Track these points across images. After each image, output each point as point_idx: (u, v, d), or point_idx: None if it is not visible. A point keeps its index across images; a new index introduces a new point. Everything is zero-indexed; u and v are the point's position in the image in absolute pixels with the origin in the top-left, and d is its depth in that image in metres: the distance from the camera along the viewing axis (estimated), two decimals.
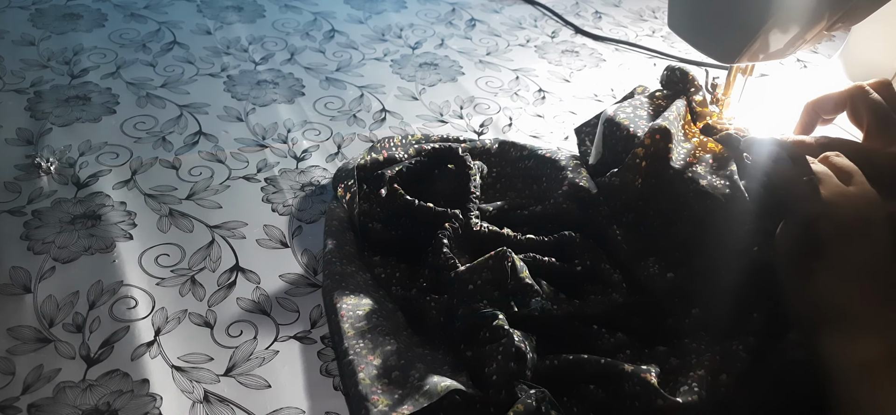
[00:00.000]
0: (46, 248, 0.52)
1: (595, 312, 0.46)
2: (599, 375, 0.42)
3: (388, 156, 0.60)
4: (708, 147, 0.53)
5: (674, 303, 0.48)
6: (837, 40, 0.96)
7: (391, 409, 0.39)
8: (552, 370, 0.42)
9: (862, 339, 0.38)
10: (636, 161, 0.51)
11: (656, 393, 0.40)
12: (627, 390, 0.41)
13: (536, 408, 0.38)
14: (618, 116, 0.55)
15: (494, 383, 0.40)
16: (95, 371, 0.43)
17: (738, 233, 0.47)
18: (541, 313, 0.45)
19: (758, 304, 0.45)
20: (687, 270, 0.48)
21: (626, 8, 1.08)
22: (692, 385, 0.41)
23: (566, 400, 0.42)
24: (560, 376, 0.42)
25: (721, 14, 0.50)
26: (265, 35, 0.88)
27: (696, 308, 0.47)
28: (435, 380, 0.40)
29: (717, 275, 0.47)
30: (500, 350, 0.41)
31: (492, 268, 0.46)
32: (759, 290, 0.45)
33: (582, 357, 0.42)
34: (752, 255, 0.46)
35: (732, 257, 0.47)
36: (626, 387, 0.41)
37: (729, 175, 0.49)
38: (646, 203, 0.52)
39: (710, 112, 0.56)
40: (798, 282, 0.41)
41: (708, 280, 0.47)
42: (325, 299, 0.48)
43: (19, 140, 0.64)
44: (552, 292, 0.47)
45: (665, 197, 0.51)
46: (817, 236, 0.40)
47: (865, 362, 0.37)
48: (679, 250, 0.50)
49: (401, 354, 0.43)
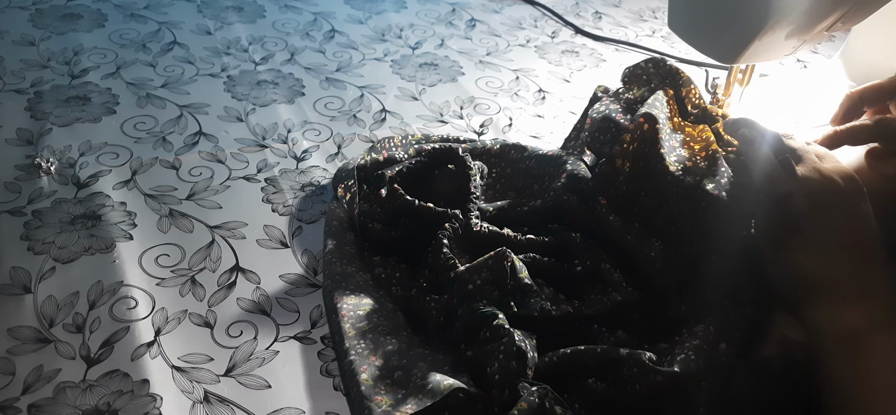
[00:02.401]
0: (46, 248, 0.52)
1: (594, 313, 0.46)
2: (598, 365, 0.42)
3: (388, 156, 0.60)
4: (697, 136, 0.53)
5: (673, 295, 0.48)
6: (837, 40, 0.96)
7: (394, 408, 0.39)
8: (552, 367, 0.42)
9: (844, 308, 0.39)
10: (624, 146, 0.52)
11: (653, 371, 0.40)
12: (625, 374, 0.41)
13: (539, 405, 0.38)
14: (595, 116, 0.56)
15: (497, 383, 0.40)
16: (95, 371, 0.43)
17: (730, 218, 0.47)
18: (540, 313, 0.45)
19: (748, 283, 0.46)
20: (679, 251, 0.49)
21: (626, 8, 1.08)
22: (689, 354, 0.41)
23: (567, 396, 0.42)
24: (560, 371, 0.42)
25: (721, 14, 0.49)
26: (265, 35, 0.88)
27: (690, 294, 0.47)
28: (437, 379, 0.40)
29: (709, 258, 0.48)
30: (501, 350, 0.41)
31: (491, 268, 0.46)
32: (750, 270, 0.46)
33: (579, 349, 0.42)
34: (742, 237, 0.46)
35: (725, 242, 0.47)
36: (625, 372, 0.41)
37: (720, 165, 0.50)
38: (635, 185, 0.52)
39: (714, 111, 0.56)
40: (776, 259, 0.42)
41: (702, 263, 0.48)
42: (326, 300, 0.48)
43: (19, 140, 0.64)
44: (552, 293, 0.47)
45: (654, 179, 0.51)
46: (792, 213, 0.41)
47: (849, 331, 0.38)
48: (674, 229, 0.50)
49: (402, 354, 0.43)
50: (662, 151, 0.51)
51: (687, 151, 0.52)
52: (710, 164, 0.50)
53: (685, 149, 0.52)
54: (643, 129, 0.52)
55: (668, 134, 0.53)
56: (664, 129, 0.52)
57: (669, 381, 0.40)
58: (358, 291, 0.48)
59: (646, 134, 0.52)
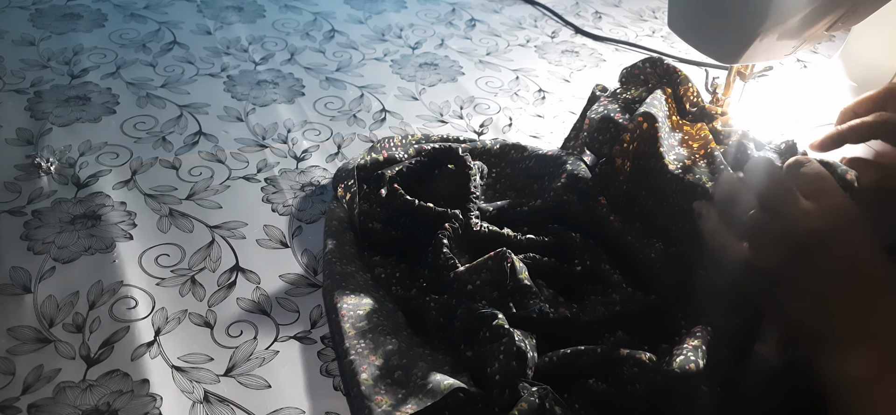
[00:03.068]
0: (46, 248, 0.52)
1: (592, 319, 0.46)
2: (598, 365, 0.42)
3: (387, 156, 0.60)
4: (696, 135, 0.53)
5: (672, 297, 0.48)
6: (837, 40, 0.96)
7: (394, 408, 0.39)
8: (551, 367, 0.42)
9: (846, 355, 0.36)
10: (624, 145, 0.52)
11: (653, 370, 0.40)
12: (626, 374, 0.41)
13: (540, 405, 0.38)
14: (593, 117, 0.56)
15: (497, 383, 0.40)
16: (95, 371, 0.43)
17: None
18: (538, 315, 0.45)
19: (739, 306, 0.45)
20: (680, 250, 0.49)
21: (626, 8, 1.08)
22: (688, 354, 0.41)
23: (567, 396, 0.42)
24: (560, 372, 0.42)
25: (721, 14, 0.49)
26: (265, 35, 0.88)
27: (690, 295, 0.47)
28: (438, 379, 0.40)
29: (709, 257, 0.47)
30: (501, 350, 0.41)
31: (491, 268, 0.46)
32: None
33: (579, 349, 0.42)
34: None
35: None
36: (625, 371, 0.41)
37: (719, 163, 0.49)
38: (635, 185, 0.52)
39: (713, 109, 0.56)
40: (775, 298, 0.40)
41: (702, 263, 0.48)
42: (326, 299, 0.48)
43: (19, 140, 0.64)
44: (552, 295, 0.47)
45: (654, 178, 0.51)
46: (766, 271, 0.39)
47: (854, 380, 0.35)
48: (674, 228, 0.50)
49: (402, 353, 0.43)
50: (662, 149, 0.51)
51: (686, 150, 0.52)
52: (710, 162, 0.50)
53: (684, 147, 0.52)
54: (643, 128, 0.52)
55: (667, 133, 0.53)
56: (663, 128, 0.52)
57: (669, 381, 0.40)
58: (358, 290, 0.48)
59: (645, 133, 0.52)
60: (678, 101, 0.56)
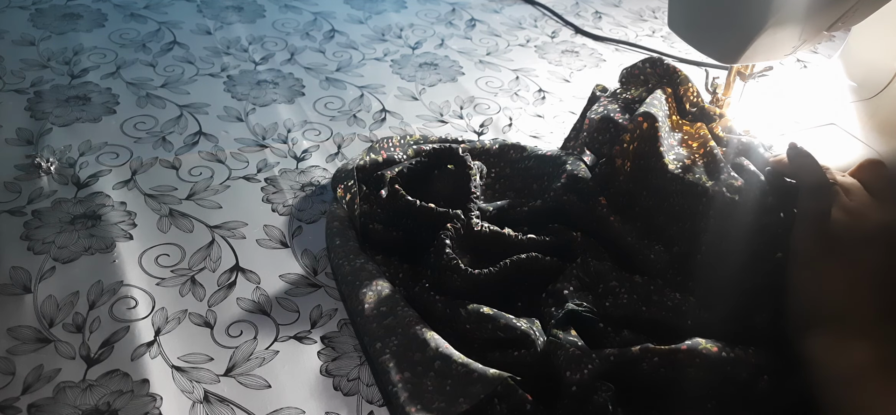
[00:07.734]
0: (46, 248, 0.52)
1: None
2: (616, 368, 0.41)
3: (386, 156, 0.60)
4: (696, 134, 0.53)
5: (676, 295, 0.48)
6: (837, 40, 0.96)
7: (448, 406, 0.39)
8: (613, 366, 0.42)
9: (855, 343, 0.38)
10: (624, 146, 0.52)
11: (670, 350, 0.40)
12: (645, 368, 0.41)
13: (603, 404, 0.39)
14: (593, 117, 0.56)
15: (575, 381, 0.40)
16: (95, 371, 0.43)
17: (739, 230, 0.47)
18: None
19: (763, 305, 0.45)
20: (681, 250, 0.49)
21: (626, 8, 1.08)
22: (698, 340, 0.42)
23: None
24: (618, 370, 0.42)
25: (721, 14, 0.49)
26: (265, 35, 0.88)
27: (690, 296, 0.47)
28: (482, 368, 0.40)
29: (717, 270, 0.47)
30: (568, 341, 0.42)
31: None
32: (767, 291, 0.45)
33: (648, 347, 0.42)
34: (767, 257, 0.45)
35: (735, 255, 0.47)
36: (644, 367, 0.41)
37: (729, 171, 0.49)
38: (636, 185, 0.52)
39: (713, 110, 0.56)
40: (806, 275, 0.42)
41: (708, 275, 0.47)
42: (347, 305, 0.48)
43: (19, 140, 0.64)
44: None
45: (654, 178, 0.51)
46: (837, 237, 0.41)
47: (857, 366, 0.38)
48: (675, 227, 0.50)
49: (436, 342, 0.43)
50: (662, 149, 0.51)
51: (686, 150, 0.52)
52: (709, 161, 0.50)
53: (684, 147, 0.52)
54: (643, 128, 0.52)
55: (667, 133, 0.53)
56: (663, 127, 0.52)
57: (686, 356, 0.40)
58: (372, 278, 0.48)
59: (645, 133, 0.52)
60: (678, 101, 0.56)
